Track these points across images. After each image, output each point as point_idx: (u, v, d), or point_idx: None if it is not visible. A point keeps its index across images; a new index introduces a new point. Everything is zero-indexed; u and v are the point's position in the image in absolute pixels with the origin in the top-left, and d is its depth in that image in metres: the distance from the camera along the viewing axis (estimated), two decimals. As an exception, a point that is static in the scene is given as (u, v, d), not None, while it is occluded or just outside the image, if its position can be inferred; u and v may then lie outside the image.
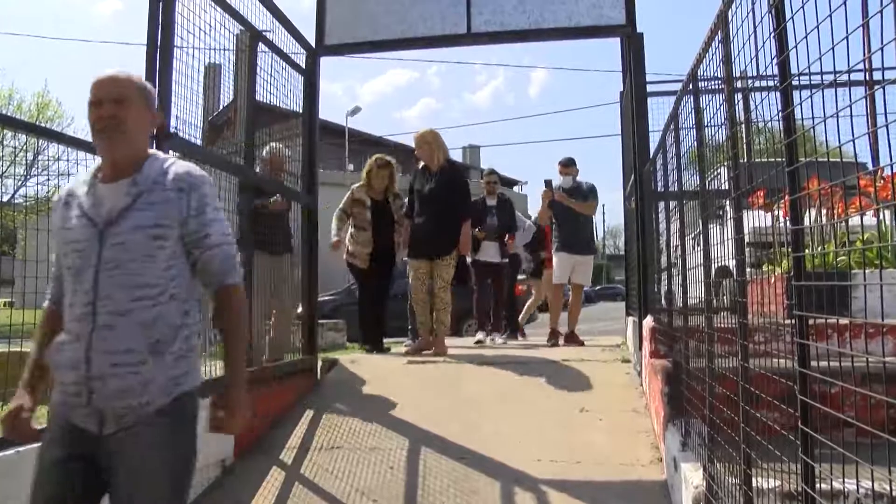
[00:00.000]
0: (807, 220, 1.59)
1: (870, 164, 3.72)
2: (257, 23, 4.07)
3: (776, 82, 1.54)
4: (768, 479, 1.82)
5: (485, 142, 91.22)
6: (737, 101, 2.14)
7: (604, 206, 65.39)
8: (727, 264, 2.19)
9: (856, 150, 1.28)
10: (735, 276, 2.04)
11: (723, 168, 2.33)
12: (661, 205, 4.03)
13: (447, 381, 4.63)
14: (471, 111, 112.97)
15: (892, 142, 1.06)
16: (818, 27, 1.27)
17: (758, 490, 1.88)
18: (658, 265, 4.24)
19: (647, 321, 4.28)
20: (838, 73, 1.32)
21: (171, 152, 3.11)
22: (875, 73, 4.21)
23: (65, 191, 1.83)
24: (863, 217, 1.97)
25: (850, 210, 2.71)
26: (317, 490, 3.31)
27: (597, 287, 36.50)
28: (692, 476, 2.44)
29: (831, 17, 1.22)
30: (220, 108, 4.56)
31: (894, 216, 3.40)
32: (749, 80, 2.02)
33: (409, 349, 5.69)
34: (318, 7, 5.16)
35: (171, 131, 3.06)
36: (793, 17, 1.42)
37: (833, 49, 1.22)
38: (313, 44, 5.03)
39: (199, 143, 3.86)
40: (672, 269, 3.45)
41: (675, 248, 3.34)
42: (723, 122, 2.20)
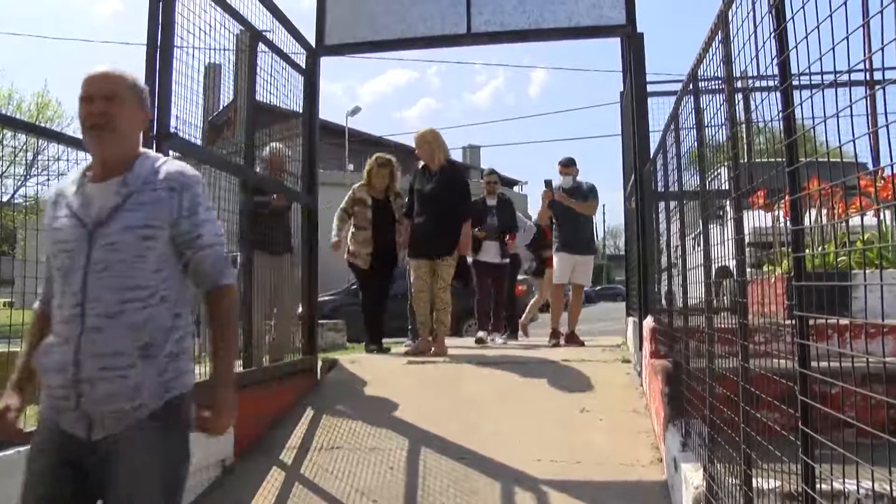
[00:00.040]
0: (807, 221, 1.59)
1: (870, 165, 3.72)
2: (257, 23, 4.07)
3: (776, 82, 1.54)
4: (768, 479, 1.82)
5: (485, 142, 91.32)
6: (737, 102, 2.14)
7: (604, 206, 65.46)
8: (727, 264, 2.19)
9: (856, 150, 1.28)
10: (735, 277, 2.04)
11: (723, 168, 2.33)
12: (662, 205, 4.03)
13: (447, 382, 4.63)
14: (471, 111, 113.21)
15: (893, 142, 1.06)
16: (818, 27, 1.27)
17: (758, 490, 1.87)
18: (658, 265, 4.24)
19: (648, 321, 4.27)
20: (839, 74, 1.32)
21: (170, 152, 3.11)
22: (875, 74, 4.22)
23: (54, 190, 1.80)
24: (863, 217, 1.97)
25: (850, 210, 2.71)
26: (317, 490, 3.30)
27: (597, 287, 36.50)
28: (692, 476, 2.44)
29: (832, 17, 1.22)
30: (220, 108, 4.56)
31: (895, 216, 3.40)
32: (749, 80, 2.02)
33: (409, 350, 5.69)
34: (318, 7, 5.16)
35: (172, 131, 3.06)
36: (793, 17, 1.42)
37: (833, 49, 1.22)
38: (313, 44, 5.03)
39: (199, 143, 3.86)
40: (672, 269, 3.45)
41: (676, 248, 3.34)
42: (723, 122, 2.20)
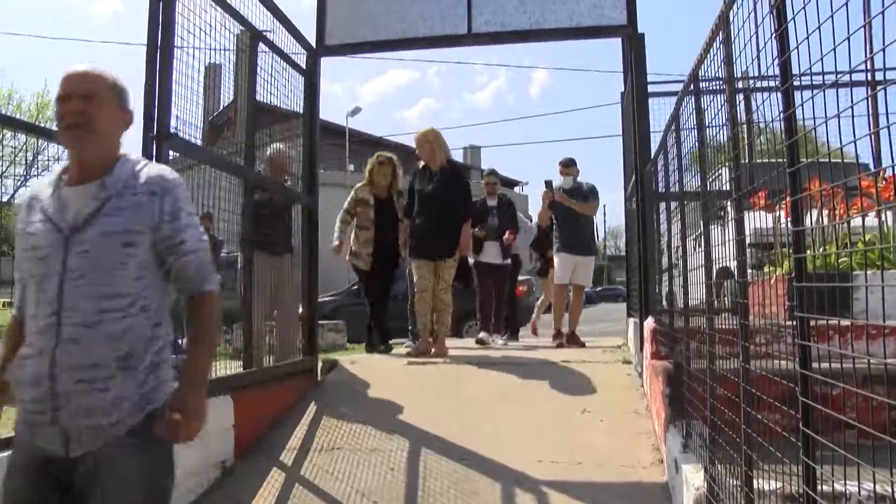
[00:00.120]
0: (808, 222, 1.59)
1: (871, 165, 3.72)
2: (258, 23, 4.07)
3: (778, 83, 1.53)
4: (769, 480, 1.82)
5: (485, 142, 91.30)
6: (738, 102, 2.13)
7: (605, 206, 65.50)
8: (728, 265, 2.19)
9: (857, 151, 1.27)
10: (736, 278, 2.03)
11: (724, 169, 2.33)
12: (663, 205, 4.03)
13: (448, 382, 4.63)
14: (471, 111, 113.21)
15: (894, 143, 1.06)
16: (820, 28, 1.27)
17: (759, 492, 1.87)
18: (659, 266, 4.23)
19: (649, 322, 4.27)
20: (840, 74, 1.32)
21: (170, 153, 3.11)
22: (877, 74, 4.22)
23: (28, 193, 1.73)
24: (864, 218, 1.96)
25: (851, 211, 2.70)
26: (317, 491, 3.30)
27: (598, 288, 36.49)
28: (693, 477, 2.44)
29: (833, 17, 1.21)
30: (221, 108, 4.56)
31: (896, 217, 3.39)
32: (750, 80, 2.02)
33: (410, 351, 5.68)
34: (318, 7, 5.16)
35: (172, 131, 3.06)
36: (794, 18, 1.42)
37: (835, 50, 1.22)
38: (314, 44, 5.03)
39: (199, 143, 3.86)
40: (673, 270, 3.44)
41: (677, 249, 3.34)
42: (724, 122, 2.20)
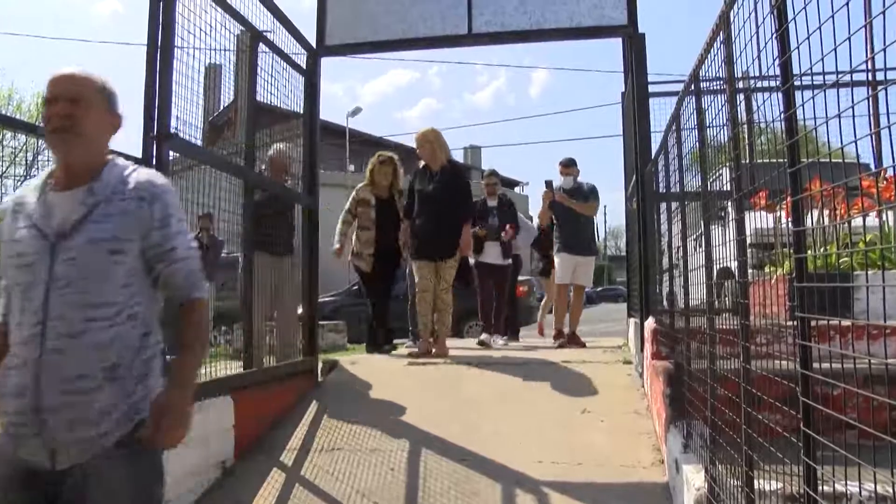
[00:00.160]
0: (809, 222, 1.58)
1: (872, 165, 3.72)
2: (258, 23, 4.07)
3: (778, 83, 1.53)
4: (770, 481, 1.82)
5: (486, 142, 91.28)
6: (739, 102, 2.13)
7: (605, 206, 65.37)
8: (729, 265, 2.19)
9: (857, 150, 1.27)
10: (737, 278, 2.03)
11: (725, 169, 2.33)
12: (663, 206, 4.02)
13: (448, 383, 4.63)
14: (472, 112, 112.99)
15: (895, 143, 1.05)
16: (820, 28, 1.26)
17: (760, 492, 1.87)
18: (660, 266, 4.23)
19: (649, 322, 4.27)
20: (841, 74, 1.32)
21: (171, 153, 3.11)
22: (878, 74, 4.21)
23: (12, 198, 1.69)
24: (865, 218, 1.96)
25: (852, 211, 2.70)
26: (317, 491, 3.30)
27: (598, 288, 36.49)
28: (694, 478, 2.44)
29: (834, 17, 1.21)
30: (221, 108, 4.56)
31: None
32: (751, 80, 2.02)
33: (412, 352, 5.66)
34: (318, 7, 5.16)
35: (172, 132, 3.06)
36: (795, 18, 1.41)
37: (835, 50, 1.21)
38: (314, 44, 5.03)
39: (199, 143, 3.86)
40: (674, 270, 3.44)
41: (677, 249, 3.34)
42: (725, 122, 2.19)
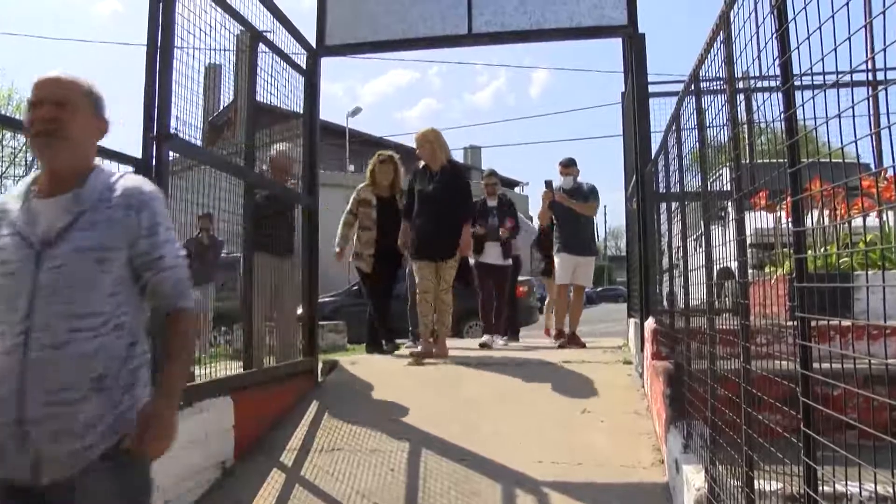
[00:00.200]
0: (809, 222, 1.58)
1: (873, 165, 3.71)
2: (258, 23, 4.07)
3: (778, 83, 1.53)
4: (770, 481, 1.81)
5: (486, 142, 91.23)
6: (739, 102, 2.13)
7: (605, 207, 65.39)
8: (729, 266, 2.19)
9: (858, 151, 1.27)
10: (737, 278, 2.03)
11: (725, 169, 2.33)
12: (663, 206, 4.02)
13: (448, 383, 4.63)
14: (472, 112, 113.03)
15: (895, 143, 1.05)
16: (821, 28, 1.26)
17: (760, 492, 1.87)
18: (660, 266, 4.23)
19: (649, 323, 4.26)
20: (841, 74, 1.32)
21: (171, 153, 3.11)
22: (878, 74, 4.21)
23: None
24: (865, 218, 1.96)
25: (852, 211, 2.70)
26: (317, 492, 3.30)
27: (598, 288, 36.50)
28: (694, 478, 2.43)
29: (834, 17, 1.21)
30: (221, 108, 4.56)
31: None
32: (751, 80, 2.01)
33: (414, 352, 5.63)
34: (318, 7, 5.16)
35: (172, 132, 3.06)
36: (795, 18, 1.41)
37: (836, 50, 1.21)
38: (314, 44, 5.03)
39: (199, 143, 3.86)
40: (674, 270, 3.44)
41: (677, 249, 3.34)
42: (725, 122, 2.19)
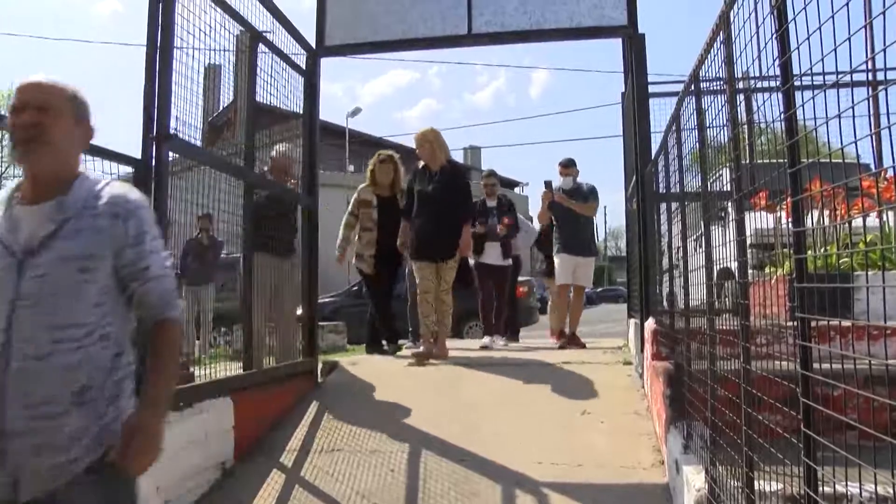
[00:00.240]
0: (809, 222, 1.58)
1: (873, 166, 3.71)
2: (257, 24, 4.06)
3: (778, 83, 1.53)
4: (771, 482, 1.81)
5: (486, 143, 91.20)
6: (739, 103, 2.13)
7: (605, 207, 65.41)
8: (729, 266, 2.19)
9: (858, 151, 1.27)
10: (737, 278, 2.03)
11: (725, 169, 2.32)
12: (663, 206, 4.02)
13: (448, 384, 4.62)
14: (472, 112, 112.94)
15: (895, 143, 1.05)
16: (821, 28, 1.26)
17: (760, 493, 1.87)
18: (660, 267, 4.23)
19: (649, 323, 4.26)
20: (841, 74, 1.32)
21: (170, 154, 3.11)
22: (878, 74, 4.21)
23: None
24: (865, 218, 1.96)
25: (852, 211, 2.70)
26: (317, 493, 3.30)
27: (598, 289, 36.49)
28: (694, 479, 2.43)
29: (833, 18, 1.21)
30: (220, 109, 4.56)
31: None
32: (751, 80, 2.01)
33: (416, 353, 5.60)
34: (318, 8, 5.16)
35: (171, 132, 3.06)
36: (795, 18, 1.41)
37: (836, 50, 1.21)
38: (313, 44, 5.03)
39: (198, 144, 3.86)
40: (674, 270, 3.44)
41: (677, 249, 3.33)
42: (725, 123, 2.19)
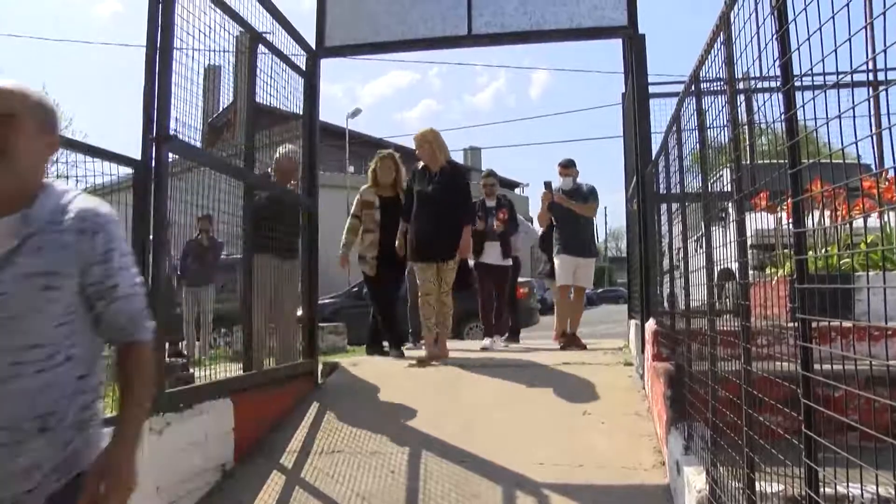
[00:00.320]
0: (810, 223, 1.58)
1: (874, 166, 3.71)
2: (257, 24, 4.06)
3: (779, 84, 1.53)
4: (771, 483, 1.81)
5: (486, 143, 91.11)
6: (739, 103, 2.13)
7: (605, 208, 65.44)
8: (730, 267, 2.18)
9: (858, 151, 1.27)
10: (738, 279, 2.03)
11: (725, 170, 2.32)
12: (664, 207, 4.02)
13: (448, 385, 4.62)
14: (472, 113, 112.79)
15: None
16: (821, 29, 1.26)
17: (761, 494, 1.86)
18: (660, 268, 4.22)
19: (650, 324, 4.26)
20: (842, 75, 1.31)
21: (170, 155, 3.10)
22: (879, 74, 4.21)
23: None
24: (866, 219, 1.96)
25: (853, 212, 2.70)
26: (317, 494, 3.29)
27: (599, 290, 36.50)
28: (695, 480, 2.43)
29: (834, 18, 1.21)
30: (220, 110, 4.56)
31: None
32: (752, 81, 2.01)
33: (419, 359, 5.55)
34: (318, 8, 5.16)
35: (171, 133, 3.06)
36: (795, 19, 1.41)
37: (836, 51, 1.21)
38: (313, 45, 5.03)
39: (198, 145, 3.86)
40: (674, 271, 3.43)
41: (678, 250, 3.33)
42: (725, 123, 2.19)
